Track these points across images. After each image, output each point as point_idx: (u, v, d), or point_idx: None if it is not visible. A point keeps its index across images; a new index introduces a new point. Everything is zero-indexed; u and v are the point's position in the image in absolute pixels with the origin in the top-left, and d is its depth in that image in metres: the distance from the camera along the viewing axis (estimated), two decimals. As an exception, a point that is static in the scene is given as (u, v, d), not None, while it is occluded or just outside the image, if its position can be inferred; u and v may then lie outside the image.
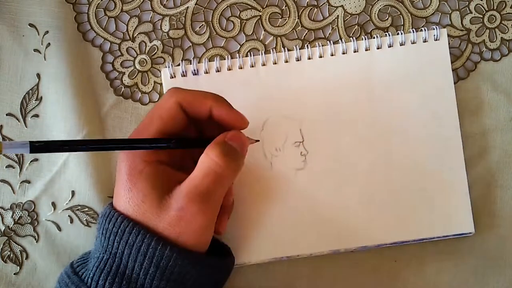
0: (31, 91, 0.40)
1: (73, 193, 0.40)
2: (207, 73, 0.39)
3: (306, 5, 0.41)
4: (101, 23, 0.40)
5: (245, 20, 0.41)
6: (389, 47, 0.39)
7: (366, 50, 0.39)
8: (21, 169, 0.40)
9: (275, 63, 0.39)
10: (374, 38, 0.40)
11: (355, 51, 0.39)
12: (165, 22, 0.40)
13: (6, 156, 0.40)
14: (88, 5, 0.40)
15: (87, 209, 0.39)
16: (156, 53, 0.40)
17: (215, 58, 0.40)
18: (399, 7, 0.41)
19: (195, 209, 0.31)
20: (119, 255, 0.31)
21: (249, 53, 0.40)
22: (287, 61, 0.39)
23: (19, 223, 0.40)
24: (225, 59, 0.40)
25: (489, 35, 0.41)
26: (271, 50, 0.40)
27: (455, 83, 0.40)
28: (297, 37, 0.41)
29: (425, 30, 0.39)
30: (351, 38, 0.40)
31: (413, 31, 0.40)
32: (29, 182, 0.40)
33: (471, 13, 0.41)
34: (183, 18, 0.40)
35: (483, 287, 0.40)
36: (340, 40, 0.40)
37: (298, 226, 0.39)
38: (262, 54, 0.40)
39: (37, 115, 0.40)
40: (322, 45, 0.40)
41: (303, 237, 0.39)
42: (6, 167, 0.40)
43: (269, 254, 0.39)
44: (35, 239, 0.40)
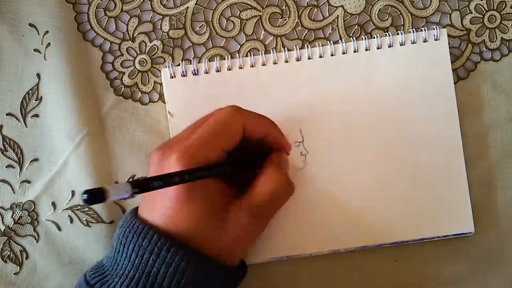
0: (31, 91, 0.40)
1: (73, 193, 0.40)
2: (207, 73, 0.39)
3: (306, 5, 0.41)
4: (101, 23, 0.40)
5: (245, 20, 0.41)
6: (389, 47, 0.39)
7: (366, 50, 0.39)
8: (21, 169, 0.40)
9: (275, 63, 0.39)
10: (374, 38, 0.40)
11: (355, 51, 0.39)
12: (165, 22, 0.40)
13: (6, 156, 0.40)
14: (88, 5, 0.40)
15: (87, 209, 0.39)
16: (156, 53, 0.40)
17: (215, 58, 0.40)
18: (399, 7, 0.40)
19: (254, 227, 0.33)
20: (153, 274, 0.30)
21: (249, 53, 0.40)
22: (287, 61, 0.39)
23: (19, 223, 0.40)
24: (225, 59, 0.40)
25: (489, 35, 0.41)
26: (271, 50, 0.40)
27: (455, 83, 0.40)
28: (297, 37, 0.41)
29: (425, 30, 0.39)
30: (351, 38, 0.40)
31: (413, 31, 0.39)
32: (29, 182, 0.40)
33: (471, 13, 0.41)
34: (183, 18, 0.40)
35: (483, 286, 0.40)
36: (340, 40, 0.40)
37: (298, 226, 0.39)
38: (262, 54, 0.40)
39: (37, 115, 0.40)
40: (322, 45, 0.40)
41: (303, 237, 0.39)
42: (6, 167, 0.40)
43: (269, 254, 0.39)
44: (35, 239, 0.40)
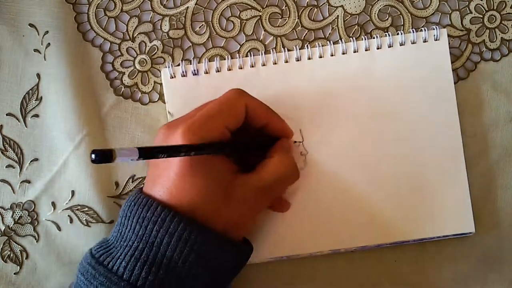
0: (31, 91, 0.40)
1: (73, 193, 0.40)
2: (207, 73, 0.39)
3: (306, 5, 0.41)
4: (101, 23, 0.40)
5: (245, 20, 0.41)
6: (389, 47, 0.39)
7: (366, 50, 0.39)
8: (21, 169, 0.40)
9: (275, 63, 0.39)
10: (374, 38, 0.40)
11: (355, 51, 0.39)
12: (165, 22, 0.40)
13: (6, 156, 0.40)
14: (88, 5, 0.40)
15: (87, 209, 0.39)
16: (156, 53, 0.40)
17: (215, 58, 0.40)
18: (399, 7, 0.40)
19: (258, 203, 0.34)
20: (157, 244, 0.31)
21: (249, 53, 0.40)
22: (287, 61, 0.39)
23: (19, 223, 0.40)
24: (225, 59, 0.40)
25: (489, 35, 0.41)
26: (271, 50, 0.40)
27: (455, 83, 0.40)
28: (297, 37, 0.40)
29: (425, 30, 0.39)
30: (351, 38, 0.40)
31: (413, 31, 0.39)
32: (29, 182, 0.40)
33: (471, 13, 0.41)
34: (183, 18, 0.40)
35: (483, 286, 0.40)
36: (340, 40, 0.40)
37: (298, 226, 0.39)
38: (262, 54, 0.40)
39: (37, 115, 0.40)
40: (322, 45, 0.40)
41: (303, 237, 0.39)
42: (6, 167, 0.40)
43: (269, 254, 0.39)
44: (35, 239, 0.40)
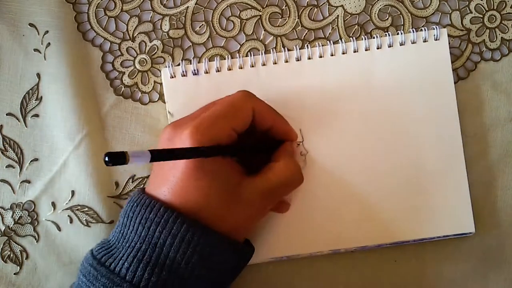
0: (31, 91, 0.40)
1: (73, 193, 0.40)
2: (207, 73, 0.39)
3: (306, 5, 0.41)
4: (101, 23, 0.40)
5: (245, 20, 0.41)
6: (389, 47, 0.39)
7: (366, 50, 0.39)
8: (21, 169, 0.40)
9: (275, 63, 0.39)
10: (374, 38, 0.39)
11: (355, 51, 0.39)
12: (165, 22, 0.40)
13: (6, 156, 0.40)
14: (88, 5, 0.40)
15: (86, 209, 0.39)
16: (156, 53, 0.40)
17: (215, 58, 0.40)
18: (399, 7, 0.40)
19: (262, 207, 0.34)
20: (160, 245, 0.31)
21: (249, 53, 0.40)
22: (287, 61, 0.39)
23: (19, 223, 0.40)
24: (225, 59, 0.40)
25: (489, 35, 0.41)
26: (271, 50, 0.40)
27: (455, 83, 0.40)
28: (297, 37, 0.40)
29: (425, 30, 0.39)
30: (351, 38, 0.40)
31: (413, 31, 0.39)
32: (29, 182, 0.40)
33: (471, 13, 0.41)
34: (183, 18, 0.40)
35: (483, 286, 0.40)
36: (340, 40, 0.40)
37: (298, 226, 0.39)
38: (262, 54, 0.40)
39: (37, 115, 0.40)
40: (322, 45, 0.40)
41: (303, 237, 0.39)
42: (6, 167, 0.40)
43: (269, 254, 0.39)
44: (35, 239, 0.40)
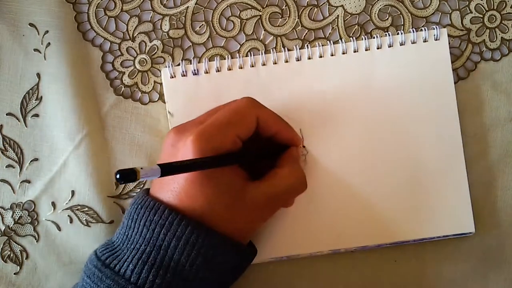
0: (31, 90, 0.40)
1: (73, 193, 0.40)
2: (207, 73, 0.39)
3: (306, 5, 0.40)
4: (101, 23, 0.40)
5: (245, 20, 0.40)
6: (389, 47, 0.39)
7: (366, 50, 0.39)
8: (21, 169, 0.40)
9: (275, 63, 0.39)
10: (374, 38, 0.39)
11: (355, 51, 0.39)
12: (165, 21, 0.40)
13: (6, 156, 0.40)
14: (88, 5, 0.40)
15: (86, 209, 0.39)
16: (156, 52, 0.40)
17: (215, 58, 0.40)
18: (399, 7, 0.40)
19: (266, 212, 0.35)
20: (164, 247, 0.31)
21: (249, 53, 0.40)
22: (287, 61, 0.39)
23: (19, 223, 0.40)
24: (225, 59, 0.40)
25: (489, 35, 0.41)
26: (271, 50, 0.40)
27: (455, 83, 0.40)
28: (297, 37, 0.40)
29: (425, 30, 0.39)
30: (351, 38, 0.40)
31: (413, 31, 0.39)
32: (29, 182, 0.40)
33: (471, 13, 0.41)
34: (183, 17, 0.40)
35: (483, 286, 0.40)
36: (340, 40, 0.40)
37: (298, 226, 0.39)
38: (262, 54, 0.40)
39: (37, 115, 0.40)
40: (322, 45, 0.40)
41: (303, 237, 0.39)
42: (6, 167, 0.40)
43: (269, 254, 0.39)
44: (35, 239, 0.40)
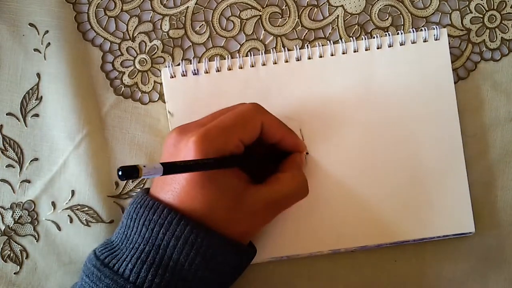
0: (31, 90, 0.40)
1: (73, 192, 0.40)
2: (207, 73, 0.39)
3: (306, 5, 0.41)
4: (101, 23, 0.40)
5: (245, 19, 0.41)
6: (389, 47, 0.39)
7: (366, 50, 0.39)
8: (21, 169, 0.40)
9: (275, 63, 0.39)
10: (374, 38, 0.39)
11: (355, 51, 0.39)
12: (165, 21, 0.40)
13: (6, 155, 0.40)
14: (88, 5, 0.40)
15: (86, 209, 0.39)
16: (156, 52, 0.40)
17: (215, 58, 0.40)
18: (399, 7, 0.40)
19: (266, 216, 0.35)
20: (163, 247, 0.31)
21: (249, 53, 0.40)
22: (287, 61, 0.39)
23: (19, 222, 0.40)
24: (225, 59, 0.40)
25: (489, 35, 0.41)
26: (271, 50, 0.40)
27: (455, 83, 0.40)
28: (297, 37, 0.40)
29: (425, 30, 0.39)
30: (351, 38, 0.40)
31: (413, 31, 0.39)
32: (29, 181, 0.40)
33: (471, 12, 0.41)
34: (183, 17, 0.40)
35: (483, 286, 0.40)
36: (340, 40, 0.40)
37: (298, 226, 0.39)
38: (262, 54, 0.40)
39: (37, 115, 0.40)
40: (322, 45, 0.40)
41: (303, 237, 0.39)
42: (6, 167, 0.40)
43: (269, 254, 0.39)
44: (35, 239, 0.40)
